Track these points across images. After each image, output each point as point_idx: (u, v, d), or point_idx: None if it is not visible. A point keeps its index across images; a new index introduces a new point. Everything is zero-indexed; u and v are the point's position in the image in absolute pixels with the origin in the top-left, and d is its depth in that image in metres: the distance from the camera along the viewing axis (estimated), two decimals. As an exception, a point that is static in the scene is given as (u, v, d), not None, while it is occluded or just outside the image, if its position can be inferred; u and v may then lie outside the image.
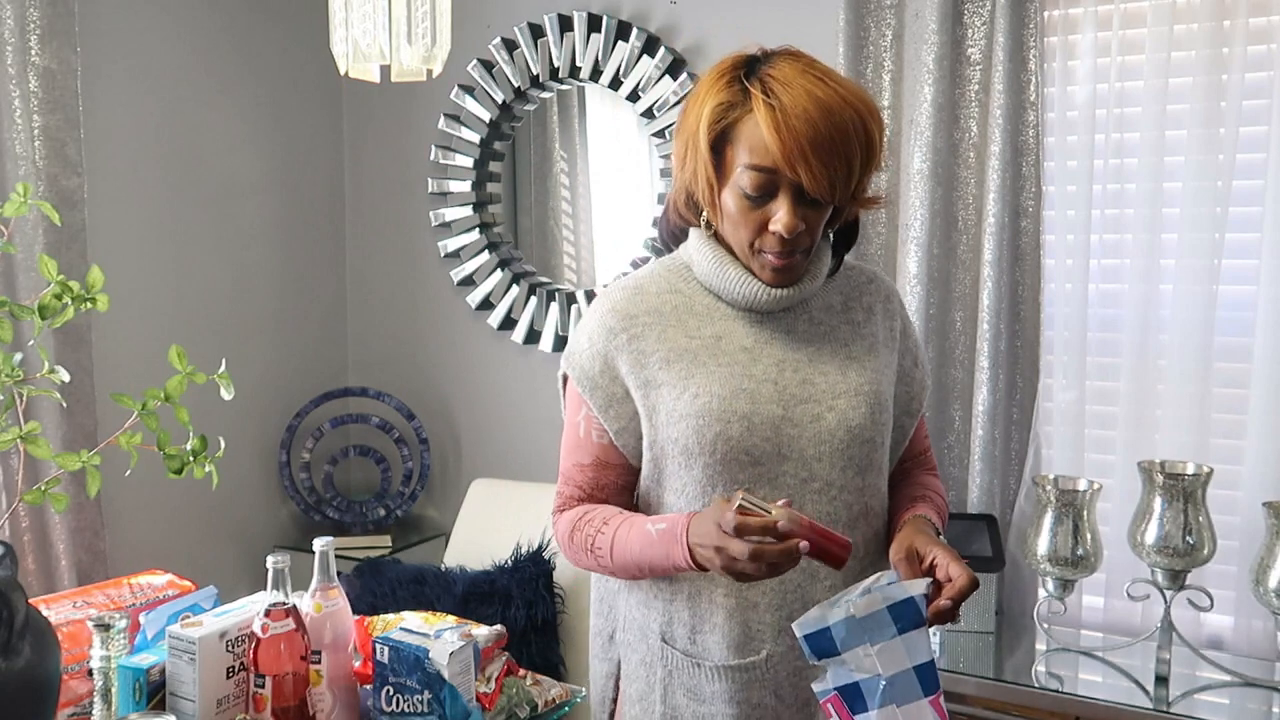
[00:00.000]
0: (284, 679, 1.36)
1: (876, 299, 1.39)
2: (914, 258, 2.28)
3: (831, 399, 1.29)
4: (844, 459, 1.29)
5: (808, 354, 1.31)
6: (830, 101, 1.18)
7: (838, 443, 1.28)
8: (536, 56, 2.77)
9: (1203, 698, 1.92)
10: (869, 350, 1.34)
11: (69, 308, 1.58)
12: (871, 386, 1.31)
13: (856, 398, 1.30)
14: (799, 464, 1.27)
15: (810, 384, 1.29)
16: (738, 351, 1.29)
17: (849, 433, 1.28)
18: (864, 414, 1.29)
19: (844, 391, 1.30)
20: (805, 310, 1.34)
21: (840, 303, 1.37)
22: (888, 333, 1.38)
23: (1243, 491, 2.10)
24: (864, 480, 1.31)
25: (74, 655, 1.42)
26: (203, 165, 2.78)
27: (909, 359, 1.41)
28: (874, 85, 2.35)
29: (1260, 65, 2.07)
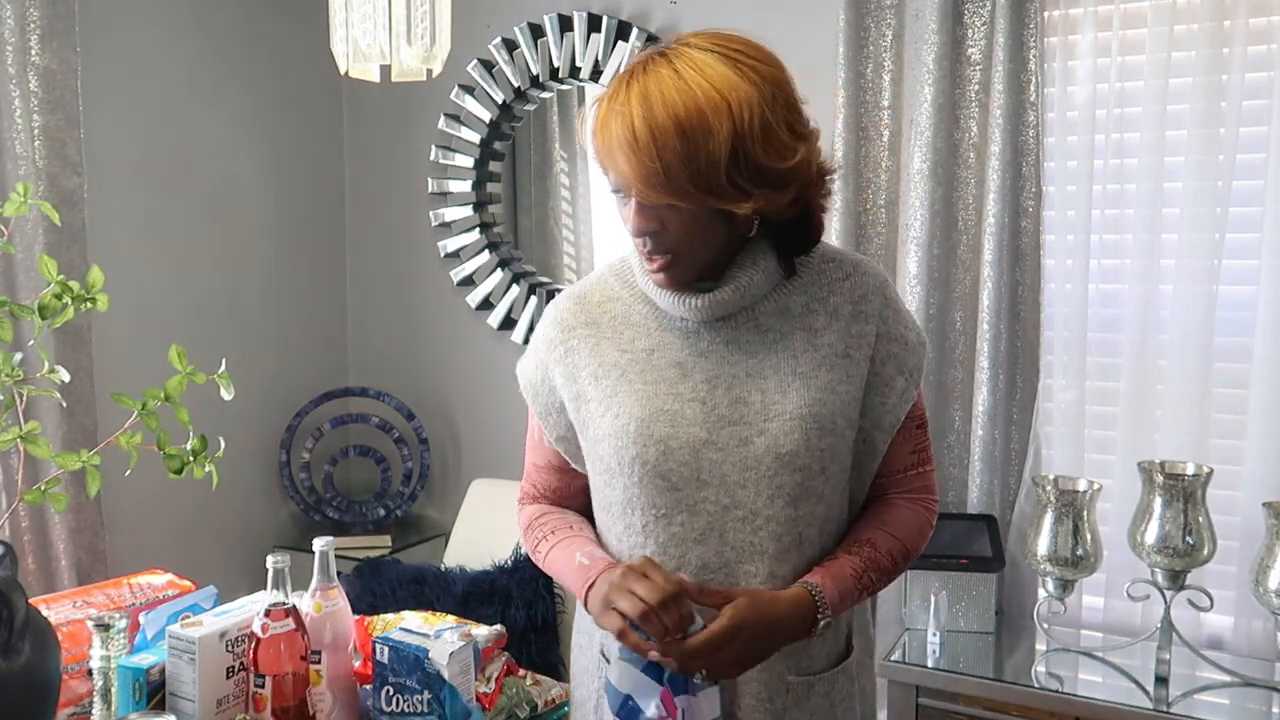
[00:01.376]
0: (284, 679, 1.36)
1: (846, 300, 1.23)
2: (914, 258, 2.28)
3: (763, 421, 1.18)
4: (772, 487, 1.17)
5: (747, 368, 1.20)
6: (658, 99, 1.08)
7: (765, 469, 1.17)
8: (536, 56, 2.77)
9: (1203, 698, 1.92)
10: (821, 363, 1.20)
11: (69, 308, 1.58)
12: (812, 409, 1.18)
13: (791, 421, 1.17)
14: (720, 490, 1.18)
15: (743, 403, 1.19)
16: (668, 367, 1.21)
17: (778, 460, 1.17)
18: (797, 440, 1.17)
19: (779, 414, 1.18)
20: (752, 316, 1.22)
21: (801, 305, 1.22)
22: (855, 338, 1.22)
23: (1243, 491, 2.10)
24: (796, 510, 1.18)
25: (74, 655, 1.42)
26: (203, 165, 2.78)
27: (890, 365, 1.24)
28: (874, 85, 2.36)
29: (1260, 65, 2.07)
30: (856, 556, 1.22)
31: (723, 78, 1.09)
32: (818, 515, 1.21)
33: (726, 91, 1.09)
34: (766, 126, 1.10)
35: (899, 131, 2.34)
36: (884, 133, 2.36)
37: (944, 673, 2.01)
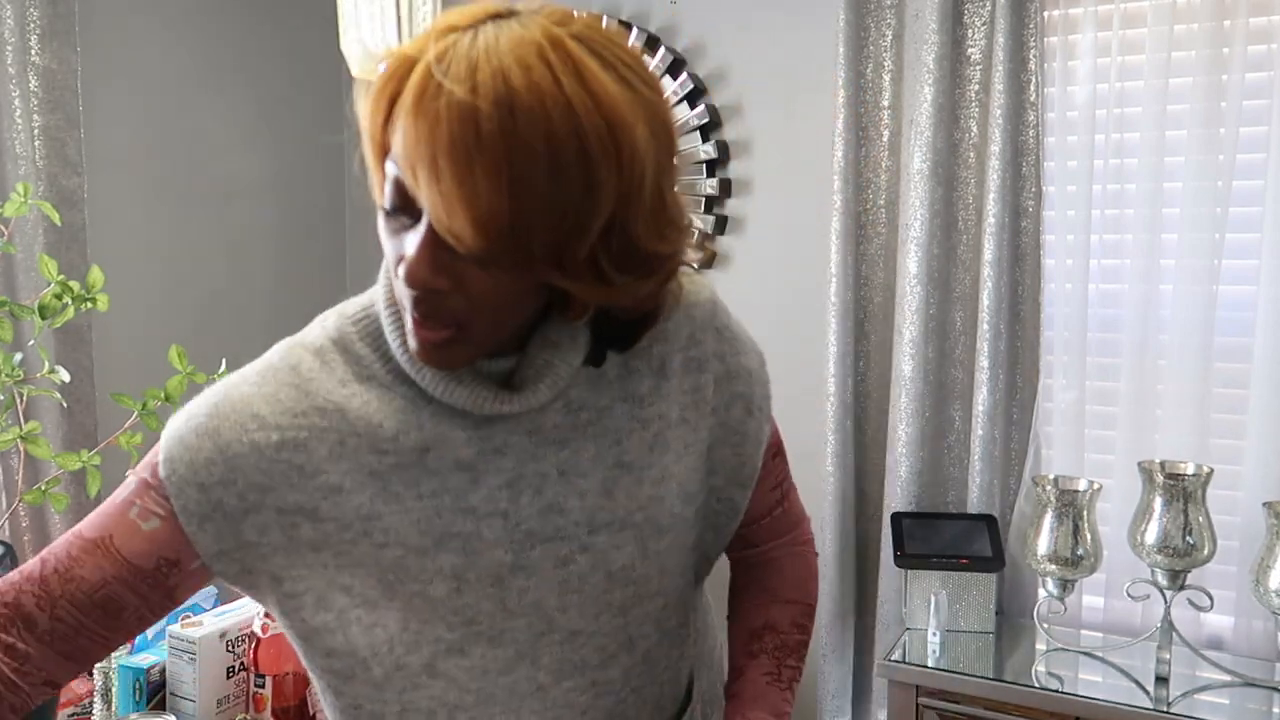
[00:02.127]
0: (284, 679, 1.36)
1: (674, 347, 0.93)
2: (914, 258, 2.28)
3: (587, 534, 0.90)
4: (599, 605, 0.92)
5: (558, 463, 0.88)
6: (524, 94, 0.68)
7: (592, 589, 0.91)
8: (536, 56, 2.77)
9: (1203, 698, 1.92)
10: (652, 444, 0.92)
11: (69, 308, 1.58)
12: (646, 512, 0.92)
13: (622, 532, 0.91)
14: (535, 619, 0.90)
15: (557, 512, 0.89)
16: (451, 471, 0.86)
17: (608, 578, 0.91)
18: (630, 552, 0.92)
19: (605, 523, 0.90)
20: (560, 396, 0.88)
21: (618, 366, 0.91)
22: (690, 395, 0.95)
23: (1243, 491, 2.10)
24: (626, 618, 0.94)
25: (74, 655, 1.42)
26: (203, 165, 2.79)
27: (737, 408, 0.99)
28: (874, 85, 2.36)
29: (1260, 65, 2.07)
30: (764, 655, 1.03)
31: (617, 105, 0.71)
32: (651, 613, 0.96)
33: (620, 130, 0.70)
34: (658, 193, 0.75)
35: (899, 131, 2.34)
36: (884, 133, 2.36)
37: (944, 673, 2.01)
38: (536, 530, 0.88)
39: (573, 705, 0.94)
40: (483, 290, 0.75)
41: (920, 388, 2.30)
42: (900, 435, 2.32)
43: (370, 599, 0.86)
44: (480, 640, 0.89)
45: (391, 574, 0.86)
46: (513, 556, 0.88)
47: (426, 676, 0.89)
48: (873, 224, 2.40)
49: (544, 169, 0.68)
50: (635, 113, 0.71)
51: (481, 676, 0.90)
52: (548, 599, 0.90)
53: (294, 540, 0.84)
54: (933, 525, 2.25)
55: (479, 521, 0.87)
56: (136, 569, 0.84)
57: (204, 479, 0.82)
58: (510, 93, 0.67)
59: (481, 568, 0.87)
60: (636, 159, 0.71)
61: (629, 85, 0.72)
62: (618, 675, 0.96)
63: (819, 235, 2.44)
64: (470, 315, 0.76)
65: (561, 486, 0.89)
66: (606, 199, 0.71)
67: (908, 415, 2.31)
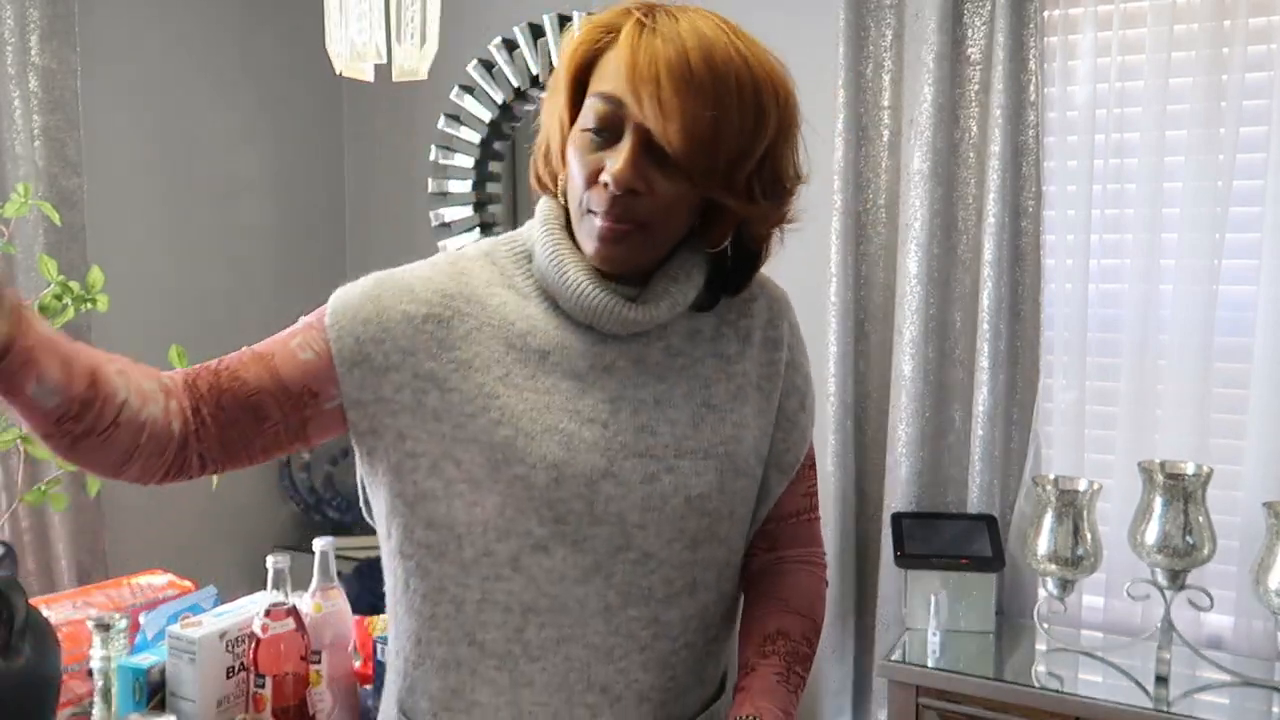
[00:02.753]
0: (284, 679, 1.36)
1: (757, 322, 1.09)
2: (914, 258, 2.28)
3: (674, 457, 1.00)
4: (674, 530, 1.00)
5: (655, 393, 1.01)
6: (717, 45, 0.92)
7: (670, 512, 0.99)
8: (536, 56, 2.77)
9: (1203, 698, 1.92)
10: (735, 395, 1.05)
11: (69, 308, 1.58)
12: (728, 447, 1.03)
13: (705, 461, 1.01)
14: (616, 530, 0.98)
15: (649, 433, 1.00)
16: (564, 378, 0.99)
17: (687, 503, 1.00)
18: (710, 481, 1.01)
19: (691, 450, 1.01)
20: (663, 336, 1.03)
21: (712, 327, 1.06)
22: (766, 368, 1.09)
23: (1243, 491, 2.10)
24: (695, 554, 1.02)
25: (74, 655, 1.42)
26: (202, 165, 2.79)
27: (794, 400, 1.11)
28: (874, 85, 2.36)
29: (1260, 65, 2.07)
30: (775, 657, 1.06)
31: (774, 66, 0.97)
32: (716, 559, 1.05)
33: (778, 81, 0.96)
34: (794, 137, 1.00)
35: (899, 131, 2.34)
36: (884, 133, 2.36)
37: (944, 673, 2.01)
38: (630, 444, 0.99)
39: (634, 637, 1.01)
40: (666, 196, 0.94)
41: (920, 388, 2.30)
42: (900, 435, 2.32)
43: (476, 478, 0.96)
44: (564, 542, 0.97)
45: (500, 453, 0.96)
46: (606, 462, 0.98)
47: (510, 569, 0.97)
48: (873, 224, 2.40)
49: (734, 99, 0.91)
50: (783, 76, 0.97)
51: (559, 582, 0.98)
52: (630, 512, 0.98)
53: (421, 405, 0.97)
54: (933, 525, 2.25)
55: (581, 424, 0.98)
56: (285, 388, 0.98)
57: (360, 333, 0.99)
58: (708, 42, 0.91)
59: (578, 465, 0.97)
60: (789, 104, 0.97)
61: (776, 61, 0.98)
62: (677, 619, 1.03)
63: (819, 235, 2.44)
64: (651, 216, 0.95)
65: (655, 413, 1.01)
66: (769, 130, 0.94)
67: (908, 415, 2.31)
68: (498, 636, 0.99)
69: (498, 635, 0.99)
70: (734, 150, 0.93)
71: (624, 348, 1.02)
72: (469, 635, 1.00)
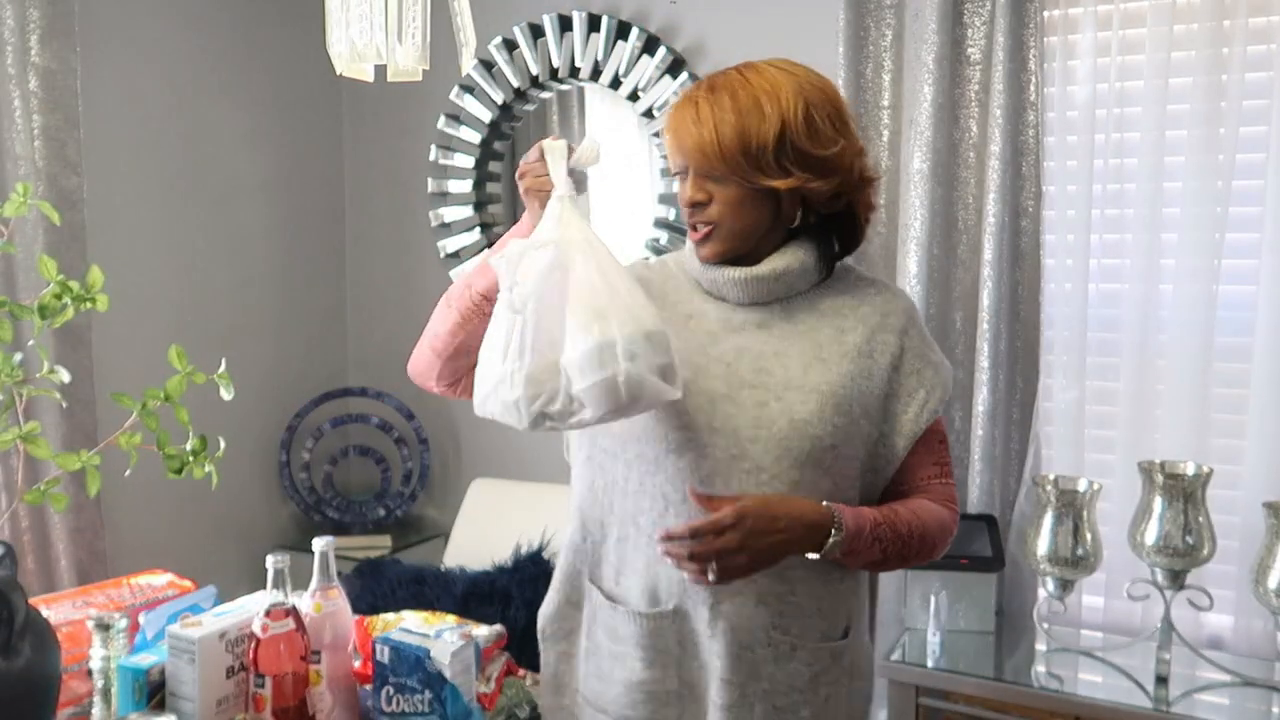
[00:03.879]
0: (284, 679, 1.36)
1: (875, 310, 1.35)
2: (914, 258, 2.28)
3: (783, 390, 1.28)
4: (781, 448, 1.26)
5: (774, 348, 1.31)
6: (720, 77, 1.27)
7: (778, 431, 1.26)
8: (536, 56, 2.77)
9: (1203, 698, 1.92)
10: (844, 355, 1.31)
11: (69, 308, 1.57)
12: (831, 386, 1.28)
13: (810, 394, 1.27)
14: (731, 440, 1.26)
15: (766, 373, 1.29)
16: (702, 333, 1.33)
17: (791, 424, 1.26)
18: (812, 409, 1.26)
19: (799, 386, 1.28)
20: (786, 307, 1.33)
21: (832, 306, 1.34)
22: (879, 343, 1.33)
23: (1243, 491, 2.10)
24: (801, 474, 1.26)
25: (74, 655, 1.42)
26: (203, 165, 2.78)
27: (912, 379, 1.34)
28: (874, 85, 2.36)
29: (1260, 65, 2.07)
30: (877, 510, 1.28)
31: (777, 76, 1.26)
32: (821, 489, 1.27)
33: (779, 86, 1.25)
34: (809, 117, 1.25)
35: (899, 131, 2.34)
36: (884, 133, 2.36)
37: (944, 673, 2.01)
38: (747, 379, 1.29)
39: None
40: (724, 197, 1.27)
41: (920, 388, 2.30)
42: (900, 435, 2.32)
43: None
44: (692, 447, 1.27)
45: None
46: (725, 388, 1.28)
47: (654, 466, 1.29)
48: (873, 224, 2.39)
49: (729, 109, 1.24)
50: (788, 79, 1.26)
51: (690, 479, 1.26)
52: (744, 428, 1.26)
53: None
54: (933, 525, 2.25)
55: (710, 363, 1.30)
56: None
57: None
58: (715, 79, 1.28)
59: (703, 385, 1.28)
60: (784, 98, 1.24)
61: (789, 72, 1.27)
62: None
63: (819, 235, 2.44)
64: (720, 216, 1.28)
65: (772, 360, 1.30)
66: (770, 121, 1.23)
67: (908, 415, 2.31)
68: (648, 520, 1.30)
69: (648, 519, 1.30)
70: (744, 143, 1.23)
71: (750, 315, 1.33)
72: (633, 518, 1.31)
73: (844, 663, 1.34)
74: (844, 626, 1.35)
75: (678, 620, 1.30)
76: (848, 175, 1.29)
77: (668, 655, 1.32)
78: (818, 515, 1.23)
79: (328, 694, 1.40)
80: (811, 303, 1.34)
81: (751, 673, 1.28)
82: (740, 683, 1.28)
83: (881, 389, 1.32)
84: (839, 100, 1.30)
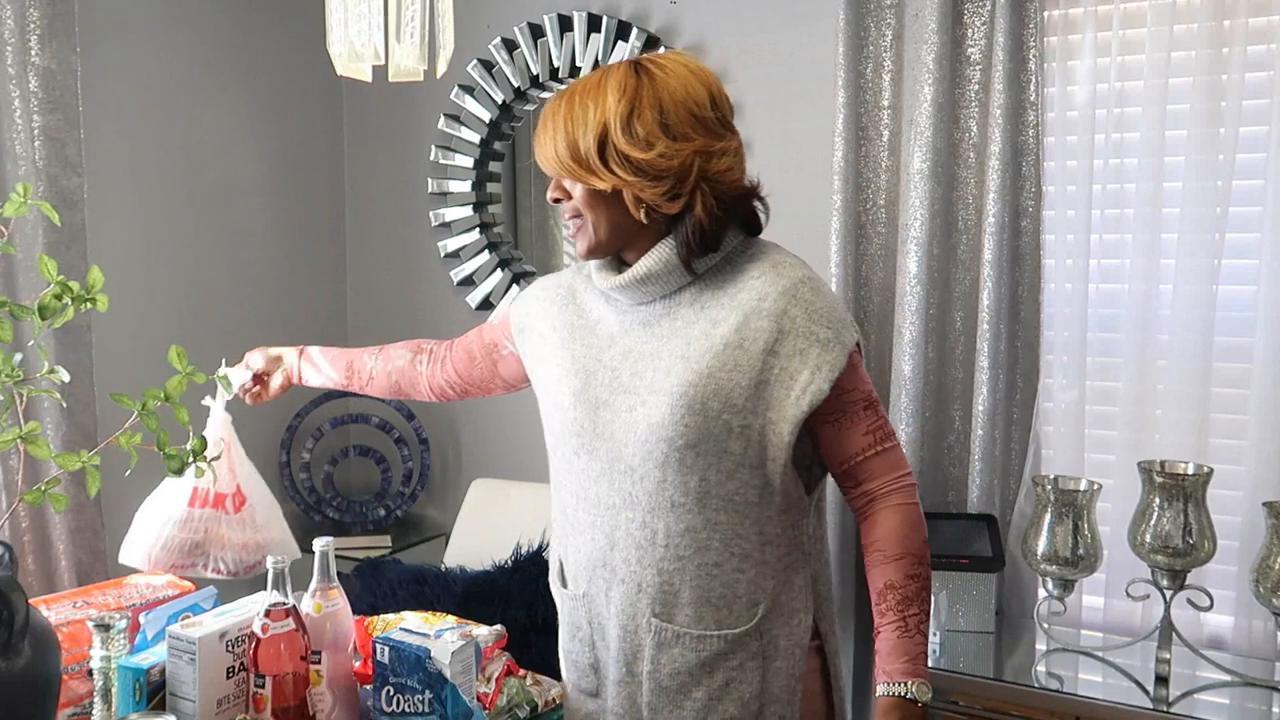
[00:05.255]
0: (284, 679, 1.36)
1: (752, 296, 1.35)
2: (914, 258, 2.28)
3: (647, 393, 1.36)
4: (644, 450, 1.35)
5: (653, 348, 1.38)
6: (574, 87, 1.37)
7: (640, 435, 1.35)
8: (536, 56, 2.77)
9: (1203, 698, 1.92)
10: (709, 350, 1.34)
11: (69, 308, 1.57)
12: (685, 390, 1.33)
13: (664, 397, 1.34)
14: (610, 445, 1.38)
15: (639, 377, 1.38)
16: (603, 337, 1.44)
17: (649, 428, 1.34)
18: (664, 413, 1.33)
19: (659, 389, 1.35)
20: (671, 305, 1.40)
21: (713, 298, 1.38)
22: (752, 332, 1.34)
23: (1243, 491, 2.10)
24: (664, 473, 1.35)
25: (74, 655, 1.42)
26: (203, 165, 2.78)
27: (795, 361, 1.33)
28: (874, 85, 2.36)
29: (1260, 65, 2.07)
30: (890, 613, 1.35)
31: (613, 79, 1.33)
32: (689, 485, 1.34)
33: (608, 89, 1.32)
34: (629, 122, 1.31)
35: (899, 131, 2.34)
36: (884, 133, 2.36)
37: (944, 673, 2.01)
38: (625, 384, 1.39)
39: (631, 535, 1.38)
40: (578, 196, 1.37)
41: (920, 388, 2.30)
42: (900, 435, 2.32)
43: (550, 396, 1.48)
44: (584, 451, 1.41)
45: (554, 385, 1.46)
46: (608, 394, 1.40)
47: (567, 466, 1.45)
48: (873, 224, 2.40)
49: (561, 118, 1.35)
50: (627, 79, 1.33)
51: (588, 479, 1.42)
52: (620, 432, 1.37)
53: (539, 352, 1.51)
54: (933, 525, 2.23)
55: (600, 369, 1.41)
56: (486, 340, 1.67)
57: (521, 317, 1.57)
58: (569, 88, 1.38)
59: (590, 394, 1.41)
60: (603, 107, 1.32)
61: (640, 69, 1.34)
62: (662, 530, 1.36)
63: (819, 235, 2.44)
64: (581, 211, 1.38)
65: (647, 363, 1.38)
66: (594, 125, 1.32)
67: (908, 415, 2.31)
68: (567, 511, 1.47)
69: (568, 511, 1.47)
70: (572, 148, 1.33)
71: (639, 314, 1.41)
72: (561, 507, 1.49)
73: (752, 647, 1.38)
74: (753, 613, 1.38)
75: (586, 602, 1.46)
76: (681, 177, 1.32)
77: (583, 631, 1.48)
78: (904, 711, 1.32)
79: (328, 694, 1.40)
80: (696, 294, 1.39)
81: (636, 654, 1.41)
82: (628, 662, 1.41)
83: (753, 377, 1.33)
84: (687, 101, 1.32)
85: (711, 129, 1.34)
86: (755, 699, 1.39)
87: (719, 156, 1.34)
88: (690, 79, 1.34)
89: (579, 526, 1.44)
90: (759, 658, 1.39)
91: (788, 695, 1.40)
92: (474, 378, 1.68)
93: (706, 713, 1.38)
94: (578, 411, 1.41)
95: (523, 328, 1.56)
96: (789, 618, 1.40)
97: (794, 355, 1.34)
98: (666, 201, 1.33)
